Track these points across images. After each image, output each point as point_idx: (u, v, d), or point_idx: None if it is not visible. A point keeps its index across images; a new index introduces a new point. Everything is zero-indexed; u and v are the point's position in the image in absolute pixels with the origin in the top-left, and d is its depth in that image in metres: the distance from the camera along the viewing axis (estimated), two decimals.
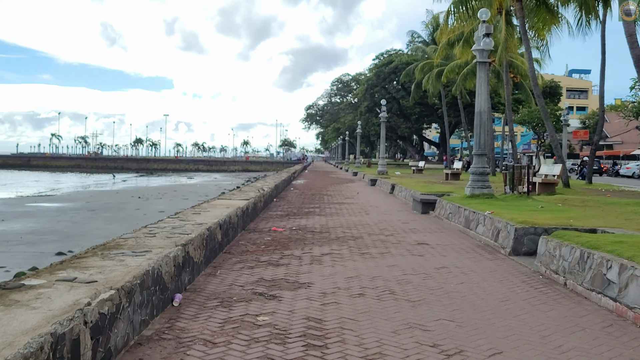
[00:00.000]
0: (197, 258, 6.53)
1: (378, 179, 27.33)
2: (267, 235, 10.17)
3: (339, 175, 44.26)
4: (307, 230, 10.93)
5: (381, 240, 9.76)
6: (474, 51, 13.02)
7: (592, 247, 6.29)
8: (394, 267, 7.41)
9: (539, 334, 4.75)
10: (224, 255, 8.09)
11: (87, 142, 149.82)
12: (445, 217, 12.40)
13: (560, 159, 19.33)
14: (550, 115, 62.68)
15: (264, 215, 13.56)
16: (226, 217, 8.79)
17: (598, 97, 24.13)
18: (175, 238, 6.25)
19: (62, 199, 36.71)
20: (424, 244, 9.45)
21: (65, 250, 15.76)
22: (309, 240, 9.70)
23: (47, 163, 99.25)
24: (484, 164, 13.02)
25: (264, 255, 8.07)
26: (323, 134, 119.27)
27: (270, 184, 19.06)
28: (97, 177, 72.14)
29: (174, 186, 52.53)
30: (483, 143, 12.85)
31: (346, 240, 9.65)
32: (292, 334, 4.56)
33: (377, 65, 62.57)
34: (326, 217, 13.29)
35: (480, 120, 12.98)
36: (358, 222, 12.31)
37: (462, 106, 44.80)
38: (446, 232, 10.97)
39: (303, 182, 31.45)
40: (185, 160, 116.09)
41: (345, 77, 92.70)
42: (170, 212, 26.08)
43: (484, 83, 12.88)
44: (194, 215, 8.63)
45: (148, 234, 6.54)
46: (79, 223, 23.52)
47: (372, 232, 10.73)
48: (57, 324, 3.03)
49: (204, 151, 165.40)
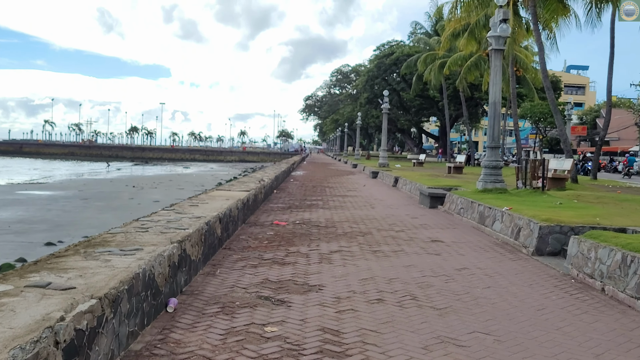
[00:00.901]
0: (194, 256, 5.85)
1: (380, 172, 26.66)
2: (270, 230, 9.50)
3: (338, 167, 43.57)
4: (312, 225, 10.26)
5: (392, 236, 9.10)
6: (489, 38, 12.30)
7: (635, 249, 5.64)
8: (411, 267, 6.75)
9: (591, 351, 4.10)
10: (224, 251, 7.41)
11: (80, 130, 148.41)
12: (457, 213, 11.75)
13: (570, 154, 18.69)
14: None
15: (265, 208, 12.88)
16: (226, 210, 8.11)
17: (595, 93, 23.45)
18: (171, 234, 5.57)
19: (54, 186, 35.93)
20: (438, 241, 8.80)
21: (54, 240, 15.04)
22: (315, 235, 9.04)
23: (40, 150, 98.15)
24: (498, 157, 12.35)
25: (268, 252, 7.40)
26: (321, 125, 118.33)
27: (270, 175, 18.37)
28: (91, 165, 71.33)
29: (169, 176, 51.77)
30: (497, 135, 12.18)
31: (355, 236, 8.99)
32: (306, 349, 3.89)
33: (378, 56, 61.64)
34: (330, 211, 12.62)
35: (494, 112, 12.29)
36: (365, 217, 11.65)
37: (464, 99, 44.01)
38: (459, 228, 10.32)
39: (302, 174, 30.76)
40: (182, 149, 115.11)
41: (345, 68, 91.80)
42: (166, 203, 25.45)
43: (498, 72, 12.19)
44: (191, 208, 7.93)
45: (140, 228, 5.85)
46: (71, 212, 22.82)
47: (381, 228, 10.07)
48: (18, 348, 2.35)
49: (201, 141, 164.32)
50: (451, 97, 51.29)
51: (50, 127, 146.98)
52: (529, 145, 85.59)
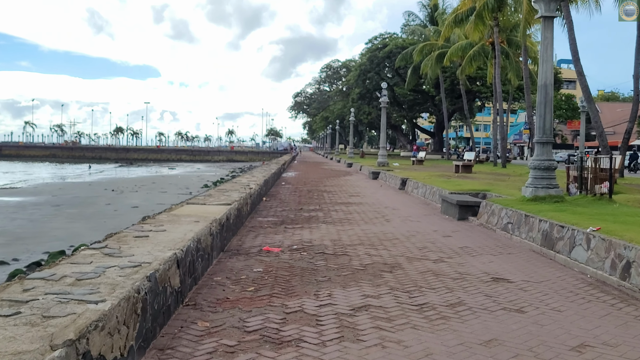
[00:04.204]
0: (112, 353, 3.09)
1: (381, 172, 23.92)
2: (257, 263, 6.74)
3: (332, 166, 40.80)
4: (315, 251, 7.52)
5: (432, 271, 6.39)
6: (535, 4, 9.63)
7: None
8: (493, 344, 4.03)
9: None
10: (184, 313, 4.65)
11: (63, 131, 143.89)
12: (501, 229, 9.06)
13: (606, 149, 16.12)
14: (562, 102, 59.75)
15: (252, 224, 10.12)
16: (191, 243, 5.34)
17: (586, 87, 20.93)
18: (60, 324, 2.78)
19: (27, 192, 32.94)
20: (501, 279, 6.10)
21: (8, 258, 12.38)
22: (322, 272, 6.30)
23: (20, 152, 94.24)
24: (550, 155, 9.67)
25: (254, 314, 4.65)
26: (310, 123, 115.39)
27: (258, 179, 15.57)
28: (72, 168, 68.08)
29: (153, 177, 48.80)
30: (549, 127, 9.52)
31: (380, 274, 6.26)
32: None
33: (370, 49, 58.86)
34: (335, 226, 9.88)
35: (545, 96, 9.61)
36: (382, 235, 8.92)
37: (464, 91, 41.46)
38: (516, 254, 7.63)
39: (294, 175, 27.97)
40: (167, 149, 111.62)
41: (334, 63, 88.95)
42: (145, 208, 22.62)
43: (550, 46, 9.52)
44: (136, 241, 5.15)
45: (5, 305, 3.06)
46: (37, 221, 20.04)
47: (410, 255, 7.35)
48: None
49: (188, 140, 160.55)
50: (448, 90, 48.78)
51: (31, 129, 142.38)
52: (522, 141, 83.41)
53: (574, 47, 16.85)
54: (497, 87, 30.78)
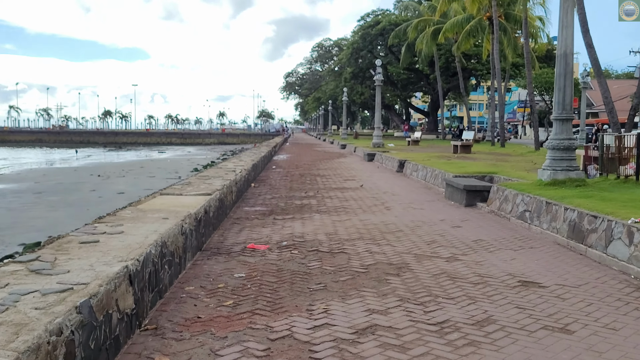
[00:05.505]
0: None
1: (376, 154, 22.84)
2: (240, 265, 5.70)
3: (325, 148, 39.66)
4: (308, 249, 6.49)
5: (447, 274, 5.37)
6: None
7: None
8: None
9: None
10: (138, 344, 3.60)
11: (50, 115, 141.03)
12: (517, 217, 8.06)
13: (616, 126, 15.13)
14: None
15: (237, 214, 9.06)
16: (152, 249, 4.28)
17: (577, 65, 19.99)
18: None
19: (8, 178, 31.63)
20: (530, 282, 5.10)
21: None
22: (316, 276, 5.27)
23: (5, 138, 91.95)
24: (570, 134, 8.62)
25: (229, 341, 3.61)
26: (302, 104, 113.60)
27: (246, 164, 14.46)
28: (59, 153, 66.52)
29: (142, 161, 47.48)
30: (569, 101, 8.46)
31: (385, 279, 5.23)
32: None
33: (362, 26, 57.17)
34: (330, 216, 8.84)
35: (565, 67, 8.51)
36: (383, 227, 7.89)
37: (460, 69, 40.21)
38: (539, 247, 6.63)
39: (286, 158, 26.86)
40: (157, 133, 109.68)
41: (326, 42, 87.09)
42: (132, 194, 21.49)
43: (570, 9, 8.42)
44: (79, 250, 4.06)
45: None
46: (15, 210, 18.92)
47: (419, 252, 6.33)
48: None
49: (178, 123, 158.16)
50: (442, 69, 47.47)
51: (16, 113, 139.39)
52: (516, 119, 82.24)
53: (582, 17, 15.71)
54: (496, 63, 29.62)
